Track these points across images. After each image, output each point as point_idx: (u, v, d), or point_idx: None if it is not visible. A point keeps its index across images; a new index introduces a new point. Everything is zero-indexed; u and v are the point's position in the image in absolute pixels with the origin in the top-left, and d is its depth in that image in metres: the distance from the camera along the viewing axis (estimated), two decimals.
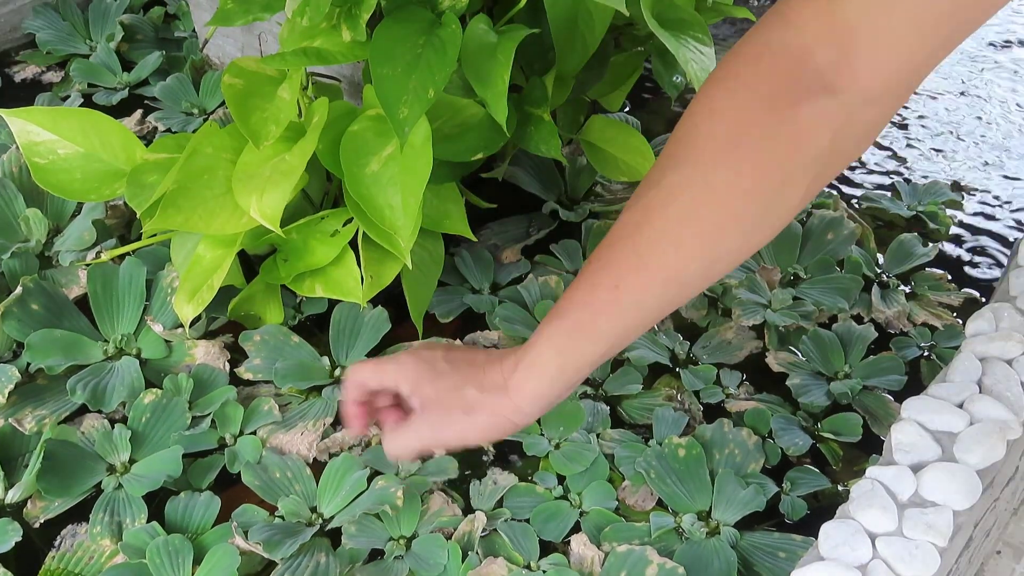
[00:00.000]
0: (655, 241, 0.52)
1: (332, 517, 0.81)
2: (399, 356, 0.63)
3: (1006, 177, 1.21)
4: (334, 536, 0.80)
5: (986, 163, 1.23)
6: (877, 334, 0.97)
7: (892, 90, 0.49)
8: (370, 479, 0.82)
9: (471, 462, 0.86)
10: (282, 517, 0.80)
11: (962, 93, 1.36)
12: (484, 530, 0.78)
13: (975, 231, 1.13)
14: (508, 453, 0.87)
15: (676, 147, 0.53)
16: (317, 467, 0.84)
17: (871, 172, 1.22)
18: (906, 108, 1.33)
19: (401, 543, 0.78)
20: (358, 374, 0.64)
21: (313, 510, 0.81)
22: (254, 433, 0.86)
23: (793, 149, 0.49)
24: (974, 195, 1.18)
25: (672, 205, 0.52)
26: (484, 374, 0.60)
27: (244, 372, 0.92)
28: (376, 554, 0.79)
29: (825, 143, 0.50)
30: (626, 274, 0.54)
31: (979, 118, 1.31)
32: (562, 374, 0.57)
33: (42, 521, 0.81)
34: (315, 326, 0.98)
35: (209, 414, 0.87)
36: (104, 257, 0.95)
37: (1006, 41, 1.47)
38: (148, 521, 0.79)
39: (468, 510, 0.81)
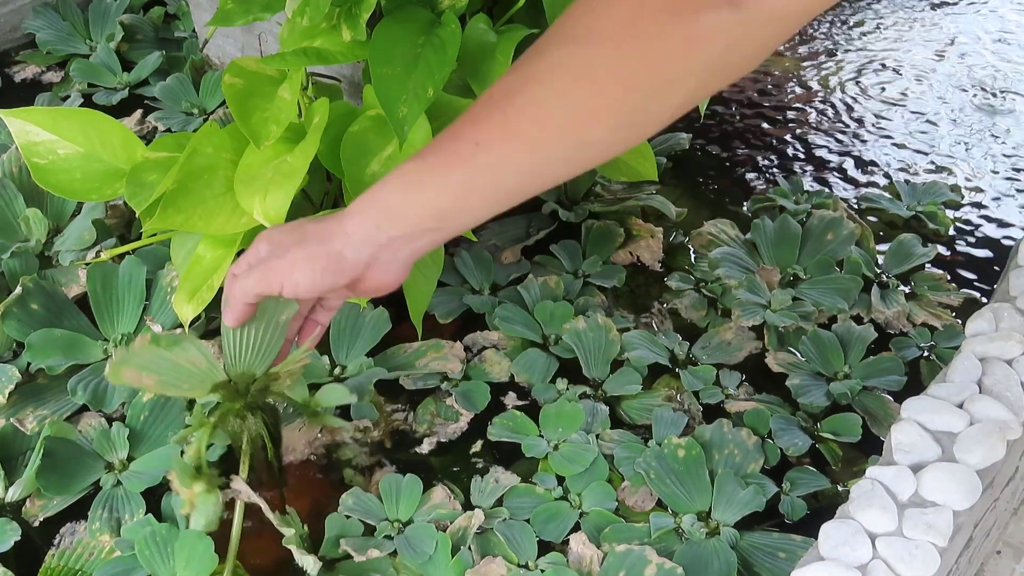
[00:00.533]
0: (525, 110, 0.52)
1: None
2: None
3: (1007, 176, 1.21)
4: None
5: (993, 169, 1.23)
6: (877, 334, 0.97)
7: (794, 13, 0.49)
8: None
9: (460, 457, 0.87)
10: None
11: (962, 89, 1.36)
12: (480, 528, 0.79)
13: (975, 231, 1.13)
14: (507, 455, 0.87)
15: (567, 24, 0.52)
16: None
17: (871, 172, 1.22)
18: (905, 107, 1.33)
19: (395, 526, 0.79)
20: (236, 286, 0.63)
21: None
22: None
23: (683, 52, 0.49)
24: (974, 195, 1.18)
25: (549, 78, 0.51)
26: (329, 215, 0.60)
27: None
28: (369, 529, 0.80)
29: (717, 53, 0.49)
30: (489, 134, 0.53)
31: (979, 116, 1.31)
32: (398, 211, 0.56)
33: (41, 519, 0.81)
34: None
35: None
36: (104, 256, 0.95)
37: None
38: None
39: (469, 507, 0.81)
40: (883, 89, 1.37)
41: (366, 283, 0.60)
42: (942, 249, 1.09)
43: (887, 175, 1.22)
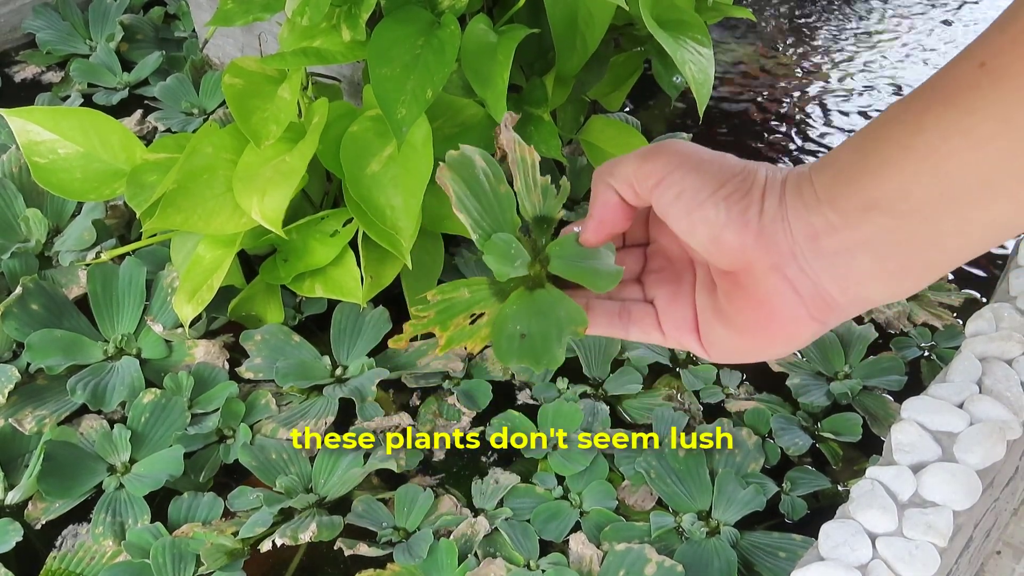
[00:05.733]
0: None
1: (325, 497, 0.82)
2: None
3: None
4: (331, 511, 0.81)
5: None
6: (877, 334, 0.97)
7: None
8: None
9: (462, 457, 0.87)
10: (281, 493, 0.82)
11: None
12: (485, 532, 0.79)
13: None
14: (506, 455, 0.87)
15: None
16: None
17: None
18: None
19: (400, 533, 0.79)
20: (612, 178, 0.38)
21: (309, 490, 0.82)
22: (251, 428, 0.87)
23: None
24: None
25: None
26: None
27: (245, 371, 0.92)
28: (370, 534, 0.80)
29: None
30: (1007, 46, 0.28)
31: None
32: (844, 155, 0.31)
33: (43, 522, 0.81)
34: (315, 326, 0.98)
35: (210, 412, 0.87)
36: (104, 257, 0.95)
37: None
38: (152, 521, 0.79)
39: (472, 508, 0.81)
40: (889, 89, 1.37)
41: (749, 273, 0.33)
42: None
43: None
